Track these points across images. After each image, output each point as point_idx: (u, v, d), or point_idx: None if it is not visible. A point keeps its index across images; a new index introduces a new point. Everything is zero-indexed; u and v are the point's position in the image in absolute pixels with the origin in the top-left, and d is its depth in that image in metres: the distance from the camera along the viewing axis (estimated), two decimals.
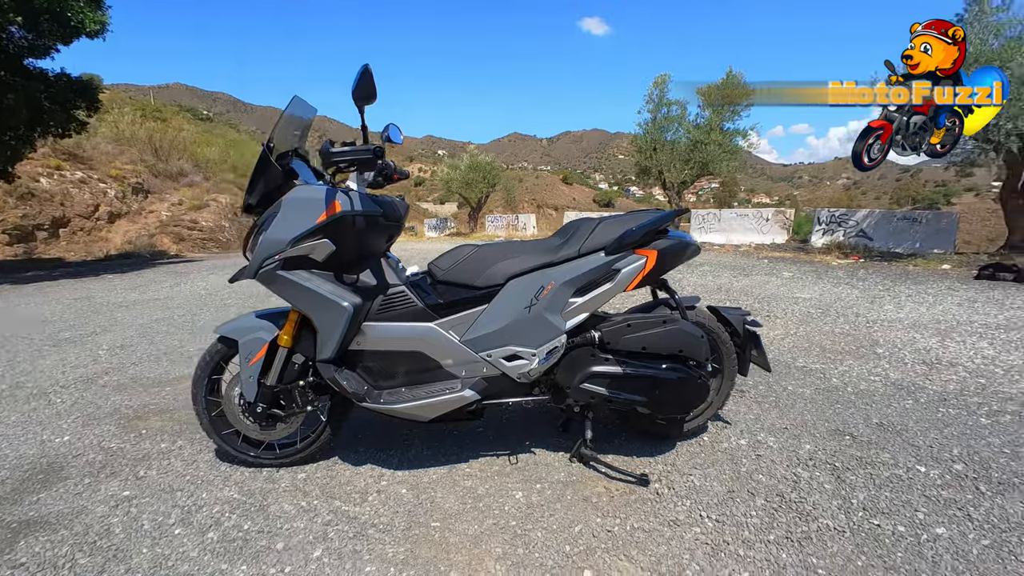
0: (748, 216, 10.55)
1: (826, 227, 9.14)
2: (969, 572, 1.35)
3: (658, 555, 1.43)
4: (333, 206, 1.62)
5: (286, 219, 1.61)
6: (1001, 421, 2.26)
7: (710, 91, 11.78)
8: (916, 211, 9.03)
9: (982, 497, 1.69)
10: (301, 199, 1.63)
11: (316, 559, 1.41)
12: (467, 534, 1.53)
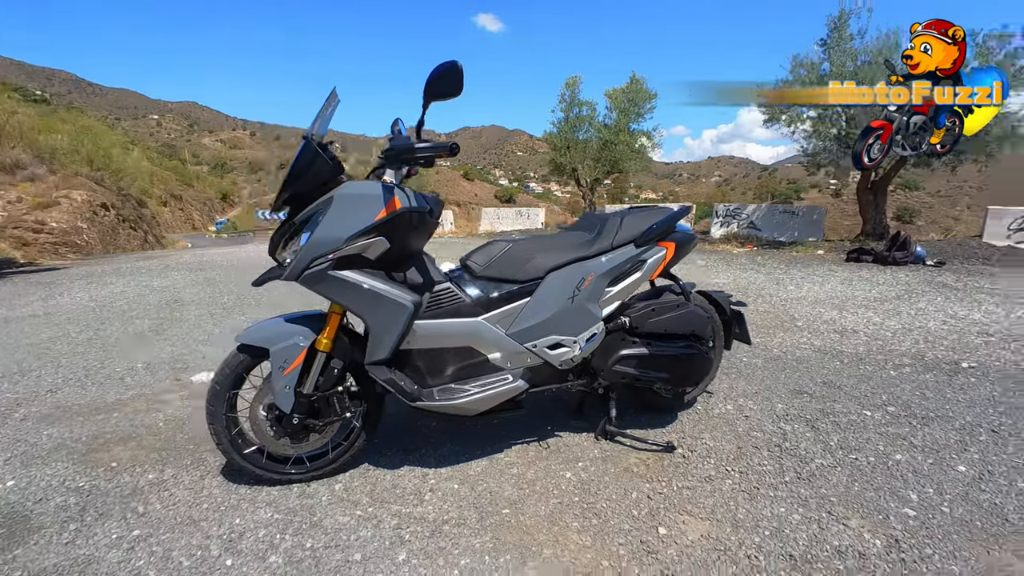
0: None
1: (723, 220, 10.46)
2: (925, 482, 1.76)
3: (710, 506, 1.65)
4: (393, 202, 1.58)
5: (341, 216, 1.55)
6: (904, 372, 2.88)
7: (616, 93, 12.74)
8: (794, 206, 10.70)
9: (915, 429, 2.18)
10: (357, 195, 1.57)
11: (403, 562, 1.40)
12: (539, 515, 1.62)
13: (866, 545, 1.46)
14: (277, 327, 1.69)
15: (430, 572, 1.37)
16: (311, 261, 1.54)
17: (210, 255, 10.30)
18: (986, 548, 1.45)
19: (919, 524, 1.56)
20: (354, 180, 1.62)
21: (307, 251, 1.54)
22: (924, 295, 4.79)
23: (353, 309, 1.60)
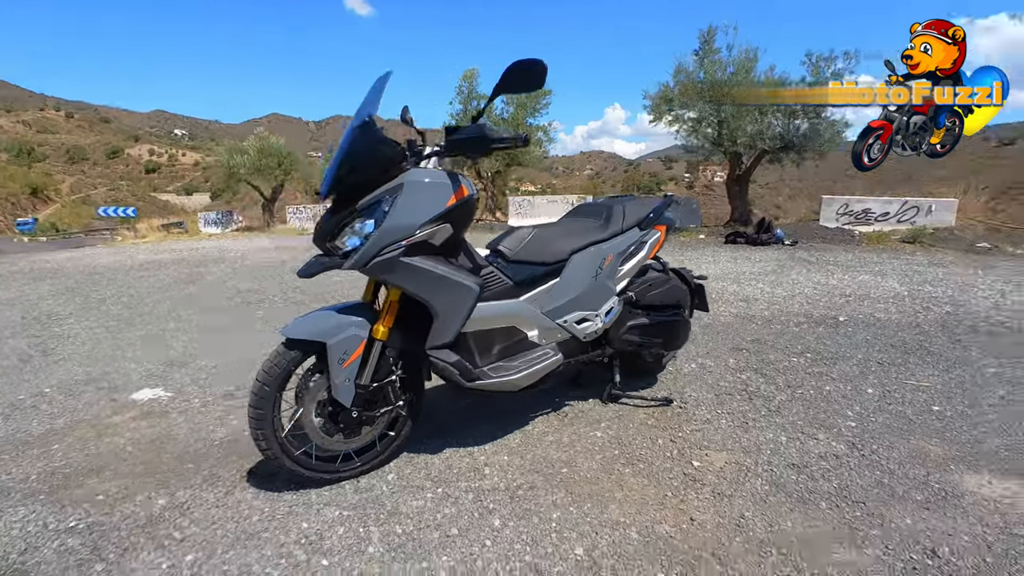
0: (558, 202, 12.44)
1: None
2: (852, 402, 2.35)
3: (720, 441, 2.02)
4: (461, 190, 1.64)
5: (413, 202, 1.57)
6: (803, 327, 3.64)
7: None
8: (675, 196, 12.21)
9: (830, 367, 2.83)
10: (428, 182, 1.60)
11: (501, 526, 1.52)
12: (593, 468, 1.83)
13: (836, 450, 1.94)
14: (327, 319, 1.65)
15: (530, 529, 1.50)
16: (382, 248, 1.55)
17: (54, 261, 8.47)
18: (906, 439, 2.01)
19: (861, 430, 2.09)
20: (425, 168, 1.64)
21: (379, 238, 1.54)
22: (793, 268, 5.95)
23: (422, 295, 1.64)
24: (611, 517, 1.56)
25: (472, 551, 1.42)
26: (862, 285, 4.99)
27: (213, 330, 3.84)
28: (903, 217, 8.39)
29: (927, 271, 5.69)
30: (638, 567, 1.35)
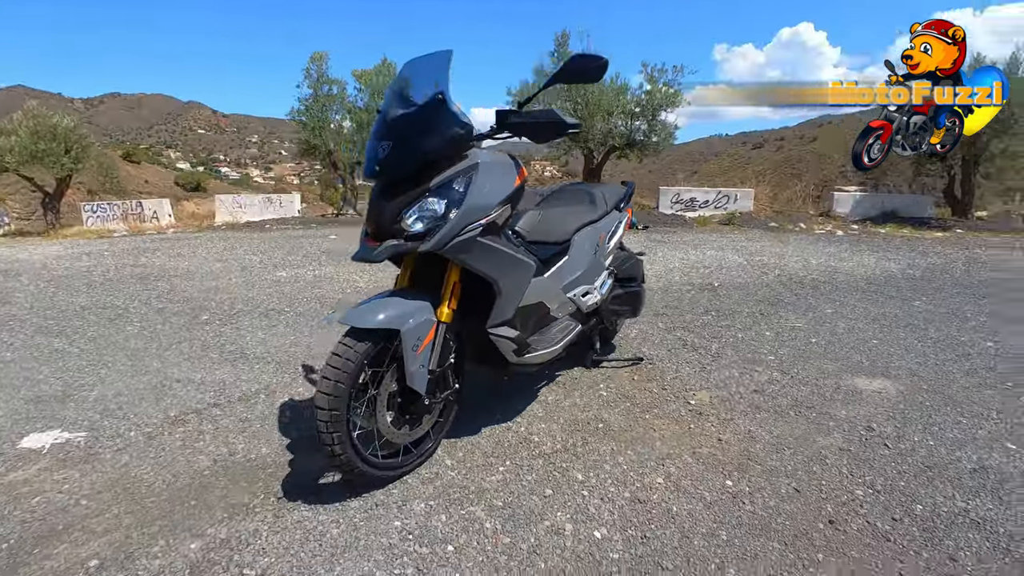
0: None
1: None
2: (763, 344, 3.06)
3: (697, 383, 2.48)
4: (522, 171, 1.71)
5: (488, 183, 1.59)
6: (695, 293, 4.45)
7: (367, 75, 12.58)
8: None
9: (733, 321, 3.58)
10: (498, 162, 1.64)
11: (584, 479, 1.69)
12: (619, 419, 2.11)
13: (774, 377, 2.55)
14: (393, 305, 1.59)
15: (606, 475, 1.71)
16: (462, 229, 1.55)
17: None
18: (810, 363, 2.74)
19: (780, 361, 2.77)
20: (488, 149, 1.67)
21: (460, 218, 1.54)
22: (659, 248, 7.06)
23: (491, 273, 1.68)
24: (663, 451, 1.85)
25: (576, 502, 1.56)
26: (713, 259, 6.22)
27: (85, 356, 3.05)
28: (718, 204, 10.55)
29: (749, 245, 7.34)
30: (707, 479, 1.67)
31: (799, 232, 8.99)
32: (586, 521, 1.48)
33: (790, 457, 1.81)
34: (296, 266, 5.76)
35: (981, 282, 4.84)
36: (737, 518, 1.49)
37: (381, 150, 1.54)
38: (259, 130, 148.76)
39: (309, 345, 3.10)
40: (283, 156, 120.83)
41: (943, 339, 3.12)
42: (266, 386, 2.49)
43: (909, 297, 4.21)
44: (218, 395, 2.40)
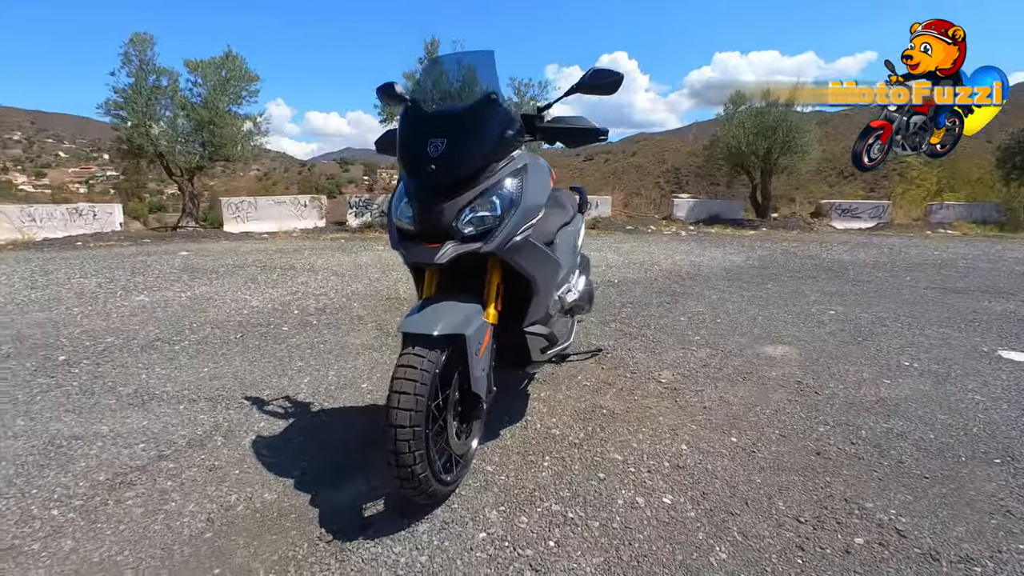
0: (286, 203, 11.13)
1: (356, 210, 11.36)
2: (686, 327, 3.59)
3: (656, 364, 2.82)
4: (553, 174, 1.77)
5: (536, 184, 1.62)
6: (600, 290, 4.93)
7: (204, 66, 10.87)
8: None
9: (649, 311, 4.09)
10: (539, 164, 1.67)
11: (622, 459, 1.84)
12: (616, 405, 2.31)
13: (708, 353, 3.03)
14: (448, 310, 1.53)
15: (640, 452, 1.89)
16: (519, 229, 1.57)
17: None
18: (729, 338, 3.30)
19: (707, 341, 3.28)
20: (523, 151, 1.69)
21: (519, 218, 1.56)
22: None
23: (534, 272, 1.72)
24: (669, 424, 2.10)
25: (632, 479, 1.71)
26: (598, 259, 6.91)
27: None
28: None
29: (620, 246, 8.31)
30: (718, 440, 1.96)
31: (652, 233, 10.46)
32: (650, 492, 1.63)
33: (762, 412, 2.22)
34: (155, 288, 4.80)
35: (802, 267, 6.28)
36: (757, 464, 1.79)
37: (434, 147, 1.49)
38: (24, 125, 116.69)
39: (238, 375, 2.68)
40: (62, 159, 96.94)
41: (801, 312, 4.02)
42: (216, 426, 2.11)
43: (761, 282, 5.28)
44: (154, 445, 1.96)
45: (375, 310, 4.08)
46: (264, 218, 10.80)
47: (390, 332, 3.44)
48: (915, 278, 5.53)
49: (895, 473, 1.75)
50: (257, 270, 5.86)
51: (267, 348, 3.14)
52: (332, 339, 3.33)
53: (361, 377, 2.67)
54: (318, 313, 3.98)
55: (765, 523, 1.48)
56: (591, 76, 1.76)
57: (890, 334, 3.40)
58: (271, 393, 2.46)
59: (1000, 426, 2.09)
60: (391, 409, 1.35)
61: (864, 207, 11.98)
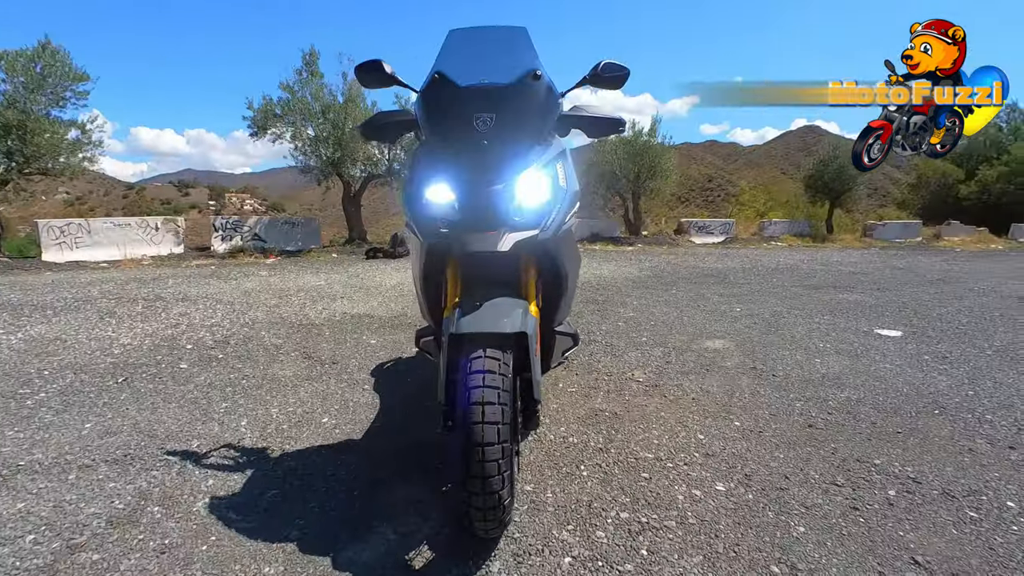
0: (131, 226, 9.20)
1: (223, 233, 9.91)
2: (641, 326, 3.74)
3: (626, 365, 2.88)
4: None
5: (573, 170, 1.52)
6: None
7: (6, 57, 8.64)
8: (293, 218, 11.61)
9: (604, 317, 4.19)
10: (569, 150, 1.56)
11: (653, 457, 1.80)
12: (613, 406, 2.29)
13: (662, 351, 3.18)
14: (501, 307, 1.36)
15: (667, 447, 1.87)
16: (568, 216, 1.46)
17: None
18: (677, 336, 3.51)
19: (656, 336, 3.45)
20: None
21: (568, 204, 1.45)
22: None
23: (570, 268, 1.61)
24: (674, 418, 2.13)
25: (677, 474, 1.67)
26: None
27: None
28: None
29: None
30: (724, 428, 2.04)
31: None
32: (701, 483, 1.61)
33: (743, 397, 2.37)
34: None
35: (689, 275, 7.02)
36: (771, 441, 1.90)
37: (483, 122, 1.32)
38: None
39: (142, 427, 2.09)
40: None
41: (713, 311, 4.46)
42: (143, 494, 1.61)
43: (665, 288, 5.78)
44: (54, 534, 1.41)
45: (292, 338, 3.55)
46: (101, 244, 8.90)
47: (324, 361, 3.01)
48: (779, 279, 6.55)
49: (876, 432, 1.98)
50: (112, 303, 4.75)
51: (169, 391, 2.52)
52: (254, 373, 2.79)
53: (316, 411, 2.27)
54: (220, 345, 3.33)
55: (814, 492, 1.55)
56: (603, 68, 1.71)
57: (792, 324, 3.93)
58: (203, 444, 1.96)
59: (917, 386, 2.51)
60: (476, 425, 1.13)
61: (715, 224, 14.03)
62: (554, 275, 1.61)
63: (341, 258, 9.50)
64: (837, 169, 14.16)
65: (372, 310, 4.49)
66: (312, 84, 9.64)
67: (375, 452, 1.88)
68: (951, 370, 2.78)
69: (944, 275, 7.07)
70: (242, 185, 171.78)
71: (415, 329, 2.00)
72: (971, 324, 3.95)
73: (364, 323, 3.99)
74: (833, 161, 14.38)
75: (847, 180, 14.15)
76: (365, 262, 8.91)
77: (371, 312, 4.40)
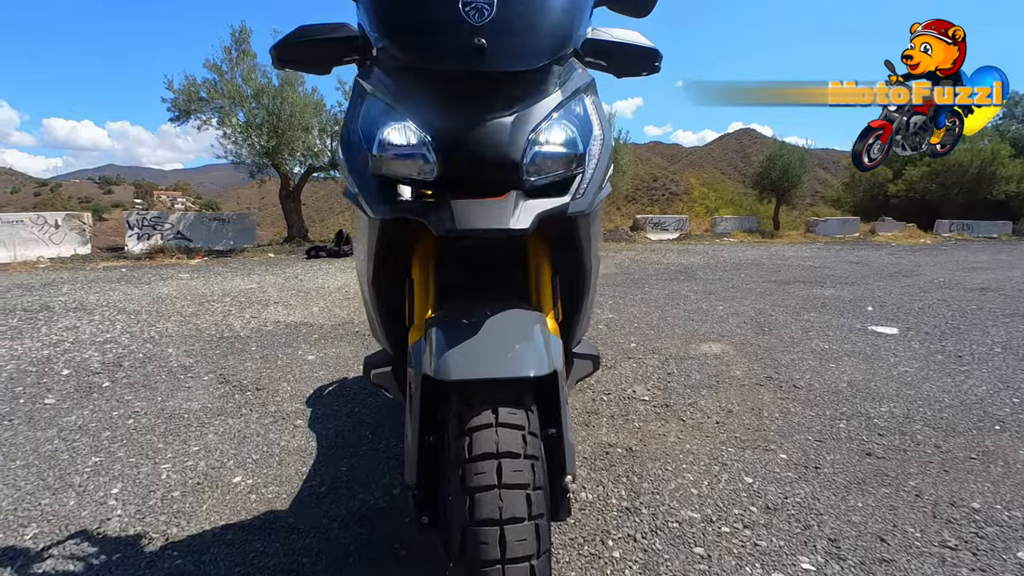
0: (24, 223, 7.80)
1: (140, 231, 8.67)
2: (628, 331, 3.30)
3: (617, 380, 2.42)
4: None
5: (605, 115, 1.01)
6: None
7: None
8: (224, 213, 10.38)
9: None
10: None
11: (691, 481, 1.34)
12: (632, 441, 1.82)
13: (659, 361, 2.76)
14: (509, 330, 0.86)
15: (713, 486, 1.41)
16: (605, 179, 0.97)
17: None
18: (668, 341, 3.10)
19: (646, 342, 3.03)
20: None
21: (605, 161, 0.96)
22: None
23: (595, 260, 1.10)
24: (703, 452, 1.69)
25: (740, 543, 1.21)
26: None
27: None
28: None
29: None
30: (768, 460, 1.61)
31: None
32: (779, 559, 1.16)
33: (774, 417, 1.97)
34: None
35: (656, 272, 6.74)
36: (835, 481, 1.49)
37: (475, 10, 0.79)
38: None
39: None
40: None
41: (694, 309, 4.12)
42: None
43: (638, 285, 5.43)
44: None
45: (206, 354, 2.85)
46: None
47: (245, 387, 2.37)
48: (747, 275, 6.38)
49: (947, 460, 1.62)
50: None
51: (15, 441, 1.81)
52: (147, 407, 2.11)
53: (226, 464, 1.65)
54: (109, 369, 2.59)
55: (927, 564, 1.14)
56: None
57: (783, 323, 3.64)
58: (42, 533, 1.30)
59: (955, 394, 2.22)
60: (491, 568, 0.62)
61: (670, 220, 14.04)
62: (576, 270, 1.10)
63: (278, 258, 8.57)
64: (783, 167, 14.57)
65: (311, 317, 3.82)
66: (243, 64, 8.62)
67: (310, 531, 1.30)
68: (976, 372, 2.53)
69: (898, 269, 7.19)
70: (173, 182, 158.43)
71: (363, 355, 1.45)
72: (956, 318, 3.81)
73: (301, 334, 3.33)
74: (779, 159, 14.79)
75: (792, 178, 14.60)
76: (305, 262, 8.07)
77: (310, 320, 3.73)
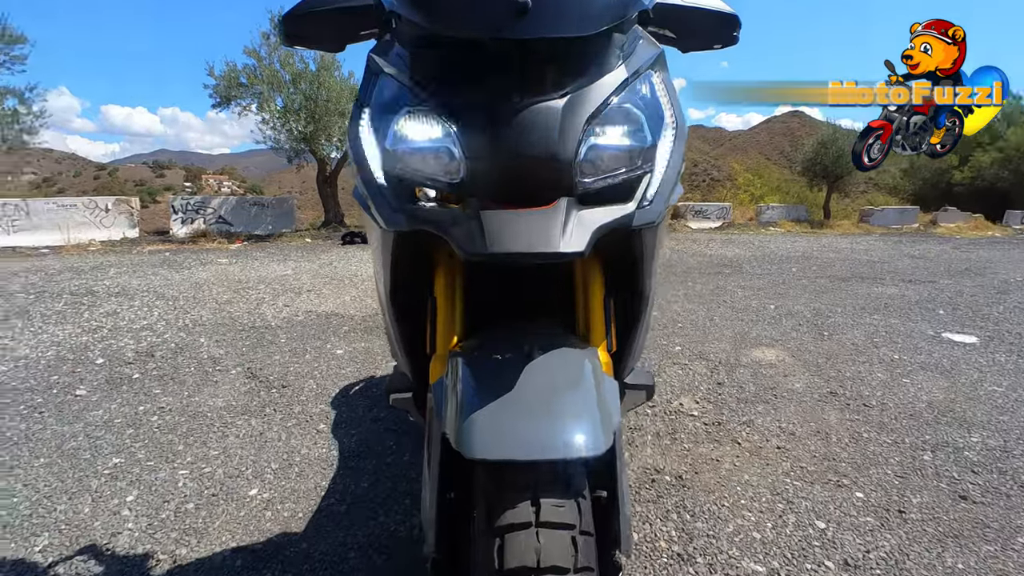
0: (77, 207, 8.19)
1: (184, 216, 8.94)
2: (671, 334, 3.09)
3: (665, 383, 2.22)
4: None
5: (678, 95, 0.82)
6: None
7: None
8: (264, 198, 10.63)
9: None
10: None
11: (764, 538, 1.14)
12: (683, 468, 1.62)
13: (706, 368, 2.53)
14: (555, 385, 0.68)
15: (778, 531, 1.21)
16: (678, 176, 0.78)
17: None
18: (717, 344, 2.87)
19: (691, 345, 2.80)
20: None
21: (680, 154, 0.77)
22: None
23: (655, 280, 0.91)
24: (764, 485, 1.49)
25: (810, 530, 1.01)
26: None
27: None
28: None
29: None
30: (842, 499, 1.39)
31: None
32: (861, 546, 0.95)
33: (843, 443, 1.73)
34: None
35: (700, 265, 6.40)
36: (927, 533, 1.27)
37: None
38: None
39: None
40: None
41: (743, 307, 3.83)
42: None
43: (682, 280, 5.14)
44: None
45: (237, 346, 2.82)
46: (41, 227, 7.94)
47: (271, 383, 2.30)
48: (798, 269, 5.96)
49: None
50: (29, 299, 3.92)
51: (42, 435, 1.78)
52: (172, 403, 2.07)
53: (243, 474, 1.57)
54: (141, 360, 2.58)
55: None
56: None
57: (842, 326, 3.32)
58: (51, 545, 1.24)
59: None
60: None
61: (712, 208, 13.40)
62: (632, 291, 0.91)
63: (315, 244, 8.65)
64: (837, 152, 13.60)
65: (343, 307, 3.76)
66: (281, 50, 8.65)
67: (326, 561, 1.19)
68: None
69: (967, 265, 6.57)
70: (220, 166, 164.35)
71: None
72: None
73: (332, 325, 3.26)
74: (832, 144, 13.82)
75: (847, 164, 13.61)
76: (340, 248, 8.10)
77: (341, 310, 3.67)
